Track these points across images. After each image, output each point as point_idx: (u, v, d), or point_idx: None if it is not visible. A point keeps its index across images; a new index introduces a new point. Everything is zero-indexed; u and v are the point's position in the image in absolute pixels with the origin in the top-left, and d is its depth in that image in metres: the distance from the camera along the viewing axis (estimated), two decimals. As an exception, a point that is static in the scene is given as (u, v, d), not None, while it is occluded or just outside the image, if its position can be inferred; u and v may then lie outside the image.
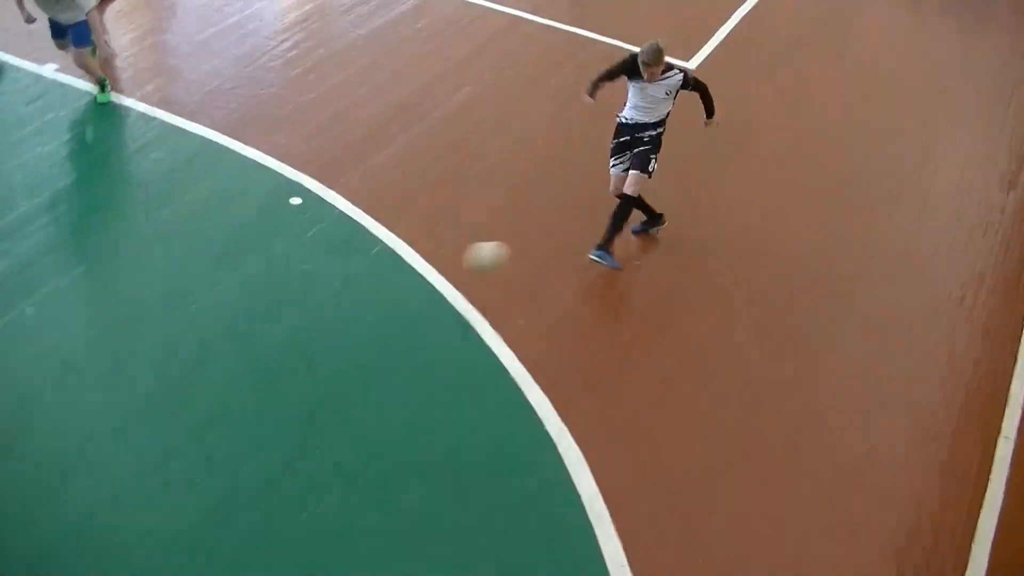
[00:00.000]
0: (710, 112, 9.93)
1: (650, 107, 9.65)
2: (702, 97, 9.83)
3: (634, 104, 9.70)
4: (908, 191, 11.52)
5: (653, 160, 9.74)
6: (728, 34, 14.16)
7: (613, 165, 9.97)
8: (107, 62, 11.92)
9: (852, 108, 12.96)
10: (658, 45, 9.30)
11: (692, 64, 13.29)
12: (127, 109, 11.57)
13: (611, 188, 9.98)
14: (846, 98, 13.15)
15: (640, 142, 9.75)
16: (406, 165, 11.10)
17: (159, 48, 12.94)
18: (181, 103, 11.75)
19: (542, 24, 13.90)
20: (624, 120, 9.83)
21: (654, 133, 9.75)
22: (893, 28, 15.22)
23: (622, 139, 9.85)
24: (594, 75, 9.48)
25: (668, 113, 9.73)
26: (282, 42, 13.05)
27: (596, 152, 10.69)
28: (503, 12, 14.09)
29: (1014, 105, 13.24)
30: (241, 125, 11.45)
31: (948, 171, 11.92)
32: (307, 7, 13.86)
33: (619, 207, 9.76)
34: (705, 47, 13.75)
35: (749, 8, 14.95)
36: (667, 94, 9.57)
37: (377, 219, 10.17)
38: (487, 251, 8.50)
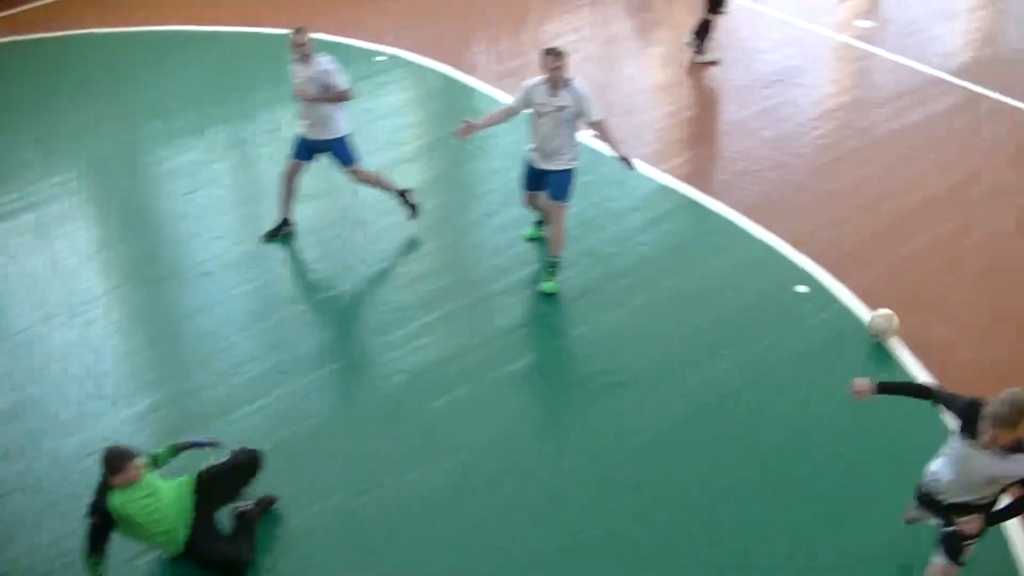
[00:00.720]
0: None
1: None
2: None
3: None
4: None
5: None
6: None
7: None
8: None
9: None
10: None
11: None
12: (649, 180, 11.99)
13: None
14: None
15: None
16: (926, 267, 10.77)
17: (693, 124, 13.34)
18: (705, 179, 12.06)
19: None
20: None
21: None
22: None
23: None
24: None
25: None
26: (814, 129, 13.06)
27: None
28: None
29: None
30: (760, 208, 11.57)
31: None
32: (843, 98, 13.80)
33: None
34: None
35: None
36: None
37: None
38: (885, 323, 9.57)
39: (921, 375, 9.27)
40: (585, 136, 10.57)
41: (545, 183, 10.09)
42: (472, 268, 10.83)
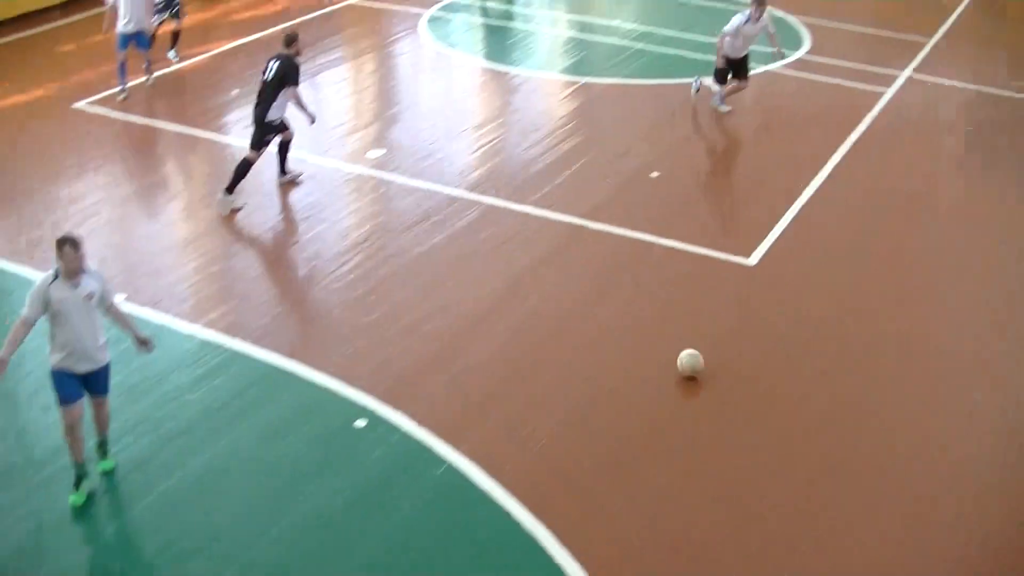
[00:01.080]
0: None
1: None
2: None
3: None
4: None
5: None
6: (783, 232, 14.09)
7: None
8: None
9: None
10: None
11: (752, 260, 13.25)
12: (189, 337, 11.63)
13: None
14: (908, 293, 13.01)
15: None
16: (470, 383, 11.03)
17: (225, 275, 13.08)
18: (246, 328, 11.81)
19: (601, 230, 13.91)
20: None
21: None
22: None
23: None
24: None
25: None
26: (344, 263, 13.15)
27: (665, 367, 10.61)
28: (561, 220, 14.14)
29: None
30: (306, 348, 11.47)
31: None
32: (368, 228, 14.01)
33: None
34: (763, 243, 13.68)
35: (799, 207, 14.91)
36: None
37: (442, 438, 10.06)
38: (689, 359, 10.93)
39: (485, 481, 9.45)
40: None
41: (90, 384, 9.29)
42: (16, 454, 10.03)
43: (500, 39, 21.64)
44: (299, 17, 21.73)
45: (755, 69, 19.46)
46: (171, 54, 19.22)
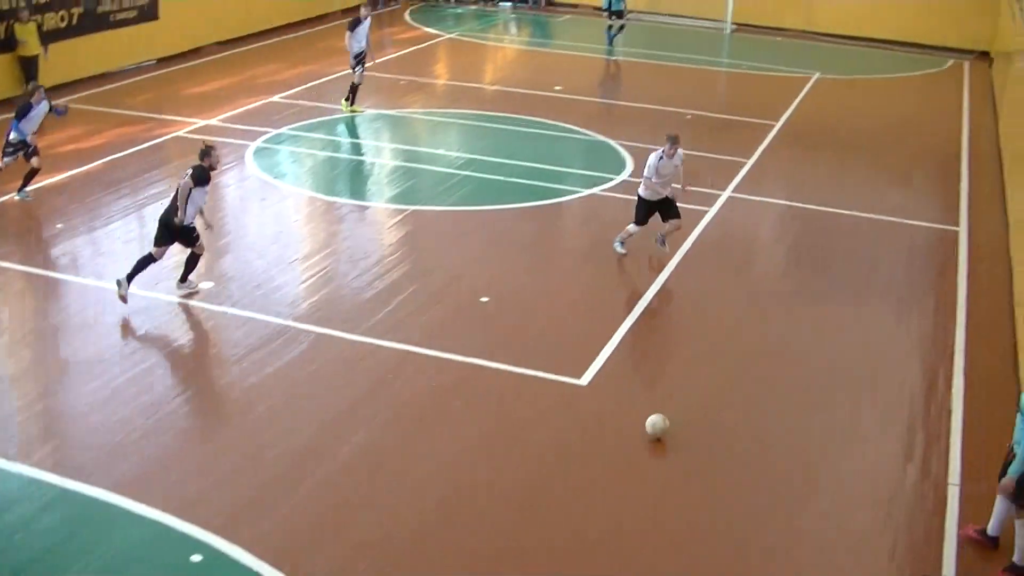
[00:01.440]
0: None
1: None
2: None
3: None
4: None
5: None
6: (614, 351, 14.49)
7: None
8: None
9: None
10: None
11: (584, 380, 13.57)
12: (17, 476, 11.35)
13: None
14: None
15: None
16: (307, 513, 10.98)
17: (51, 412, 12.82)
18: (76, 465, 11.58)
19: (433, 356, 14.09)
20: None
21: None
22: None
23: None
24: None
25: None
26: (180, 394, 13.05)
27: (498, 497, 10.73)
28: (393, 347, 14.28)
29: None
30: (140, 482, 11.28)
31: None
32: (200, 358, 13.95)
33: None
34: (594, 363, 14.04)
35: (629, 325, 15.37)
36: None
37: (280, 569, 10.00)
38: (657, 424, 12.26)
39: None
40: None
41: None
42: None
43: (327, 169, 21.89)
44: (124, 150, 21.67)
45: (579, 193, 20.16)
46: (20, 196, 18.99)
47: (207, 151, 15.32)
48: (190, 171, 15.09)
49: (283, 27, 34.51)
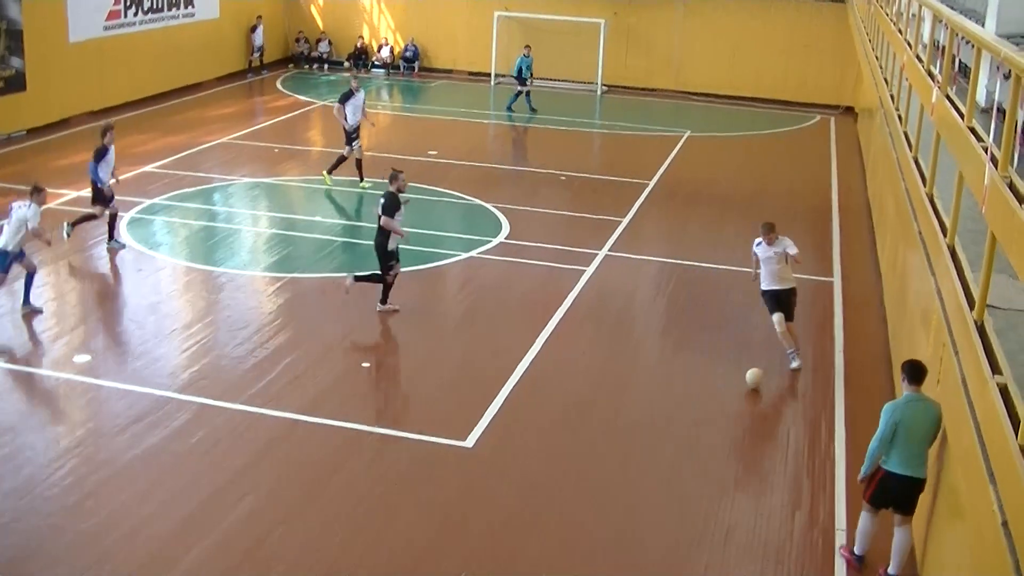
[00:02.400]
0: None
1: None
2: None
3: None
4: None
5: None
6: (497, 412, 14.58)
7: None
8: None
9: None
10: None
11: (469, 442, 13.63)
12: None
13: None
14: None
15: None
16: (195, 583, 10.85)
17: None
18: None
19: (317, 423, 14.03)
20: None
21: None
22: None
23: None
24: None
25: None
26: (56, 470, 12.80)
27: (391, 557, 10.69)
28: (276, 416, 14.20)
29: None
30: (19, 562, 11.04)
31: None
32: (79, 433, 13.70)
33: None
34: (479, 425, 14.12)
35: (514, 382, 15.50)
36: None
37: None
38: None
39: None
40: None
41: None
42: None
43: (203, 239, 21.72)
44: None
45: (458, 256, 20.28)
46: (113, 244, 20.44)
47: (395, 176, 17.50)
48: (383, 200, 17.33)
49: (155, 97, 34.31)
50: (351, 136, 24.92)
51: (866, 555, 11.41)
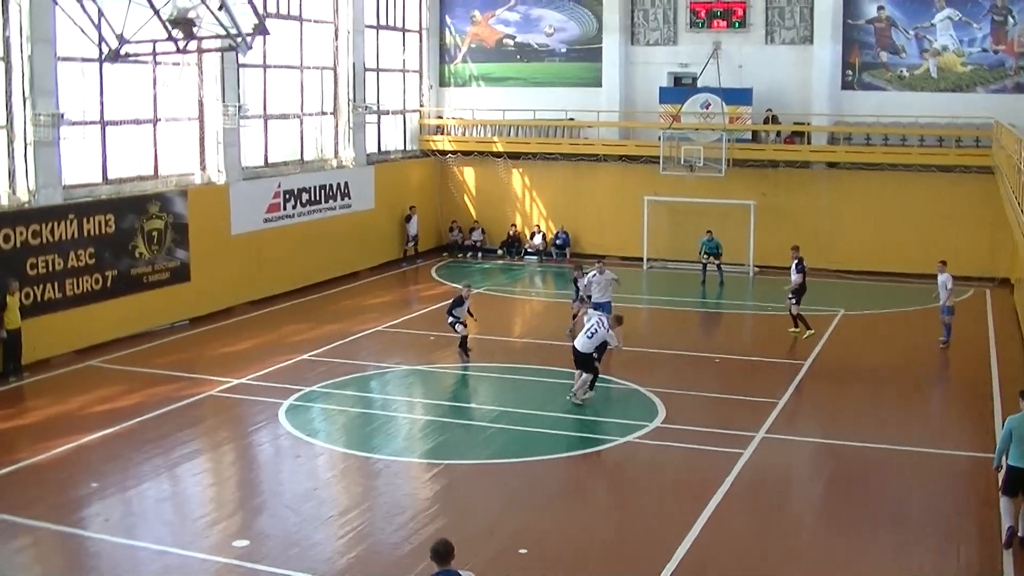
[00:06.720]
0: None
1: None
2: None
3: None
4: None
5: None
6: None
7: None
8: None
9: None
10: None
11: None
12: None
13: None
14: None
15: None
16: None
17: None
18: None
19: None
20: None
21: None
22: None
23: None
24: None
25: None
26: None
27: None
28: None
29: None
30: None
31: None
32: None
33: None
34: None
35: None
36: None
37: None
38: None
39: None
40: None
41: None
42: None
43: (360, 426, 21.87)
44: (155, 410, 21.76)
45: (614, 440, 20.09)
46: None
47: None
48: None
49: (312, 286, 35.05)
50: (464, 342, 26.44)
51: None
